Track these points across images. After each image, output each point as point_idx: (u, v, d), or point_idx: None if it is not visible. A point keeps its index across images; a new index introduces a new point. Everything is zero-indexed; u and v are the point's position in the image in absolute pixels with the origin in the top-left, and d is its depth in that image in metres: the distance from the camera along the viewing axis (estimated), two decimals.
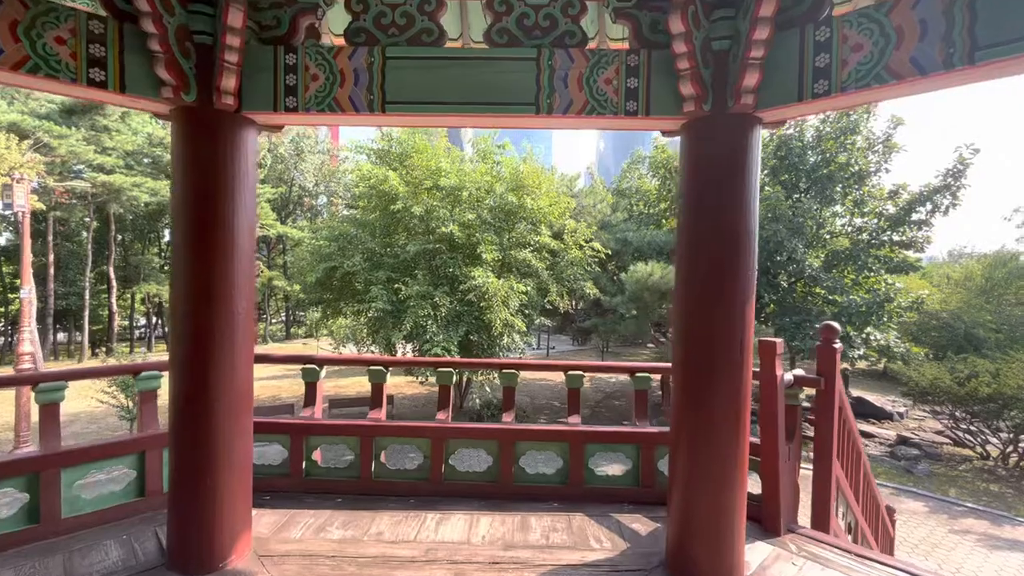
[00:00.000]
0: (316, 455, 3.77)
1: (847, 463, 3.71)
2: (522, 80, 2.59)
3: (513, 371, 3.91)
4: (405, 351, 13.12)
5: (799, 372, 3.49)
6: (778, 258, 15.89)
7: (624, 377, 23.87)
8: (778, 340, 3.22)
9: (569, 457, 3.66)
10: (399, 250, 12.46)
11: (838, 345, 3.40)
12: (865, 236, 15.94)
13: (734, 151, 2.51)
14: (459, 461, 3.76)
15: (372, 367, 3.88)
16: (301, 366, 3.91)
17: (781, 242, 14.13)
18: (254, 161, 2.79)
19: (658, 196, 20.84)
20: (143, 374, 3.49)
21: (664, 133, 2.88)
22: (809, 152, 15.31)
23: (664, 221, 20.22)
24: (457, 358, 7.30)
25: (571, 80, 2.58)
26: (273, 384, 20.33)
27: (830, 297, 17.15)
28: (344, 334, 16.83)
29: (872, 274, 15.90)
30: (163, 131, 25.36)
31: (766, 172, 16.35)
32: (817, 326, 16.38)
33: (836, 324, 3.42)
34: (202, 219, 2.60)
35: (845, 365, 16.75)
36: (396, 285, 11.34)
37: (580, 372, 3.89)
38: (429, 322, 10.93)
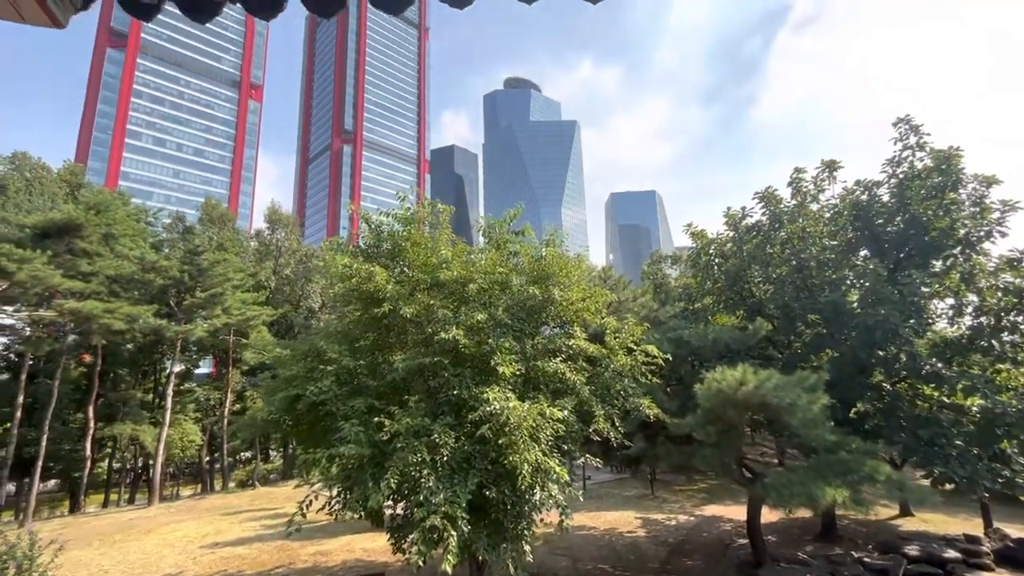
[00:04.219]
0: None
1: None
2: None
3: None
4: (395, 513, 9.25)
5: None
6: (881, 352, 12.28)
7: (690, 519, 18.77)
8: None
9: None
10: (386, 368, 9.28)
11: None
12: (988, 318, 12.40)
13: None
14: None
15: None
16: None
17: (893, 329, 10.65)
18: None
19: (700, 290, 17.85)
20: None
21: None
22: (896, 218, 12.46)
23: (711, 318, 16.97)
24: None
25: None
26: (230, 553, 15.73)
27: (947, 400, 13.11)
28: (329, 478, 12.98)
29: (1013, 366, 12.08)
30: (156, 255, 24.03)
31: (840, 247, 13.44)
32: (959, 442, 11.78)
33: None
34: None
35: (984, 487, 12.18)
36: (378, 418, 7.97)
37: None
38: (424, 471, 7.33)
